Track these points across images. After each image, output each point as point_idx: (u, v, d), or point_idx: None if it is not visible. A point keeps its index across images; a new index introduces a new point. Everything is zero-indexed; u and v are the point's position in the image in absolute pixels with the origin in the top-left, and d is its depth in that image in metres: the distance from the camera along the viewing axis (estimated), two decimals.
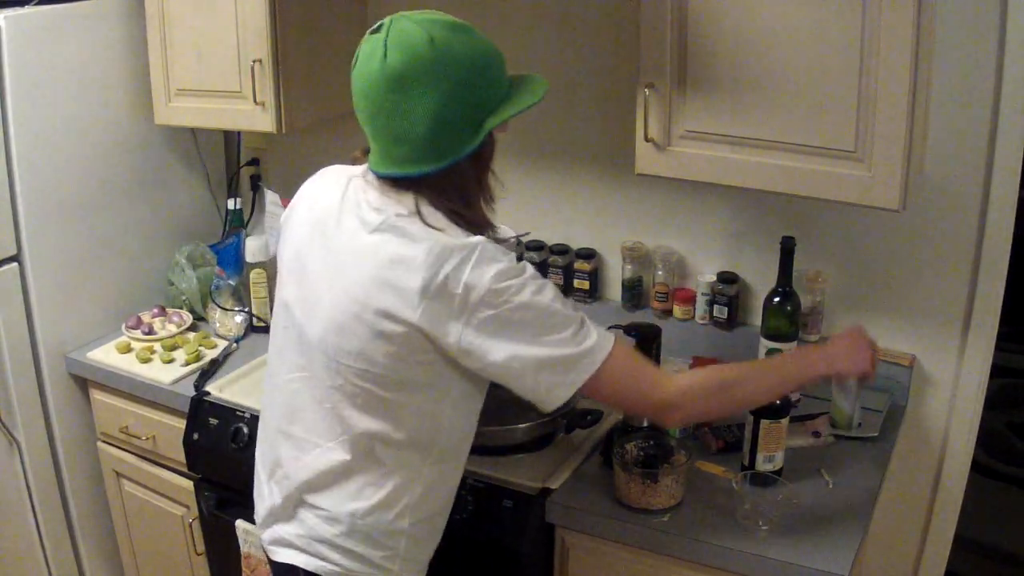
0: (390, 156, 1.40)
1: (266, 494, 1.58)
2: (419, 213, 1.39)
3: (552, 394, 1.41)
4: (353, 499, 1.47)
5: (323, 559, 1.50)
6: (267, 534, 1.58)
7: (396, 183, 1.41)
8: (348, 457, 1.46)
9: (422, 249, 1.35)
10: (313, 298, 1.46)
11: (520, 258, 1.45)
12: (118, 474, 2.43)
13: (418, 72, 1.33)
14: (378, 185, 1.44)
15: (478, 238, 1.37)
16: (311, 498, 1.50)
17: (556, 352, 1.38)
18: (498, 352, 1.37)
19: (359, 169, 1.50)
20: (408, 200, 1.40)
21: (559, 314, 1.38)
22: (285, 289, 1.54)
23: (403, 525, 1.49)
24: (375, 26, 1.38)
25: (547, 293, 1.38)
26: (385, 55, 1.34)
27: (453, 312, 1.35)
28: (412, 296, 1.34)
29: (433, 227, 1.37)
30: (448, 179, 1.40)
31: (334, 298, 1.42)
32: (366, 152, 1.48)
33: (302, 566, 1.51)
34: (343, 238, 1.44)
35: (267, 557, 1.60)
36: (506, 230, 1.87)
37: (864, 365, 1.66)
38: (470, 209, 1.42)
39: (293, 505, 1.53)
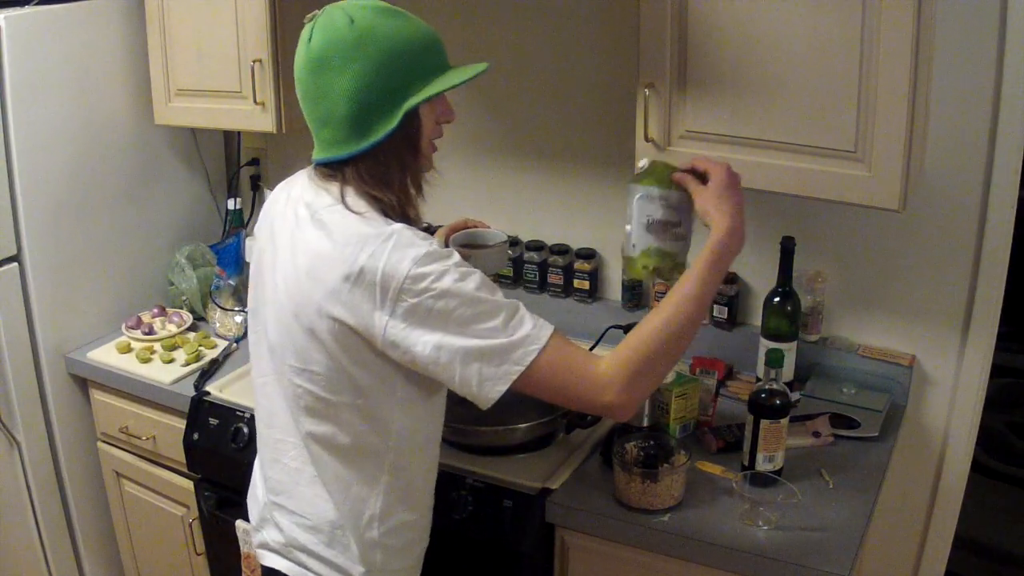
0: (319, 140, 1.41)
1: (260, 496, 1.59)
2: (343, 200, 1.38)
3: (485, 388, 1.33)
4: (323, 506, 1.47)
5: (304, 567, 1.50)
6: (256, 537, 1.59)
7: (327, 171, 1.42)
8: (308, 462, 1.46)
9: (339, 240, 1.34)
10: (266, 301, 1.48)
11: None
12: (118, 474, 2.43)
13: (336, 52, 1.34)
14: (314, 177, 1.45)
15: (396, 225, 1.35)
16: (287, 502, 1.51)
17: (485, 342, 1.31)
18: (423, 343, 1.32)
19: (306, 170, 1.52)
20: (335, 188, 1.40)
21: (486, 302, 1.32)
22: (251, 296, 1.56)
23: (373, 536, 1.48)
24: (311, 14, 1.40)
25: (472, 280, 1.32)
26: (310, 39, 1.36)
27: (375, 302, 1.32)
28: (334, 289, 1.33)
29: (353, 211, 1.36)
30: (371, 162, 1.38)
31: (277, 299, 1.44)
32: None
33: (285, 571, 1.52)
34: (283, 238, 1.45)
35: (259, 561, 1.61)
36: (497, 233, 1.87)
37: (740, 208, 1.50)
38: (393, 194, 1.39)
39: (273, 509, 1.54)
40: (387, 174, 1.39)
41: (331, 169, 1.41)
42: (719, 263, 1.43)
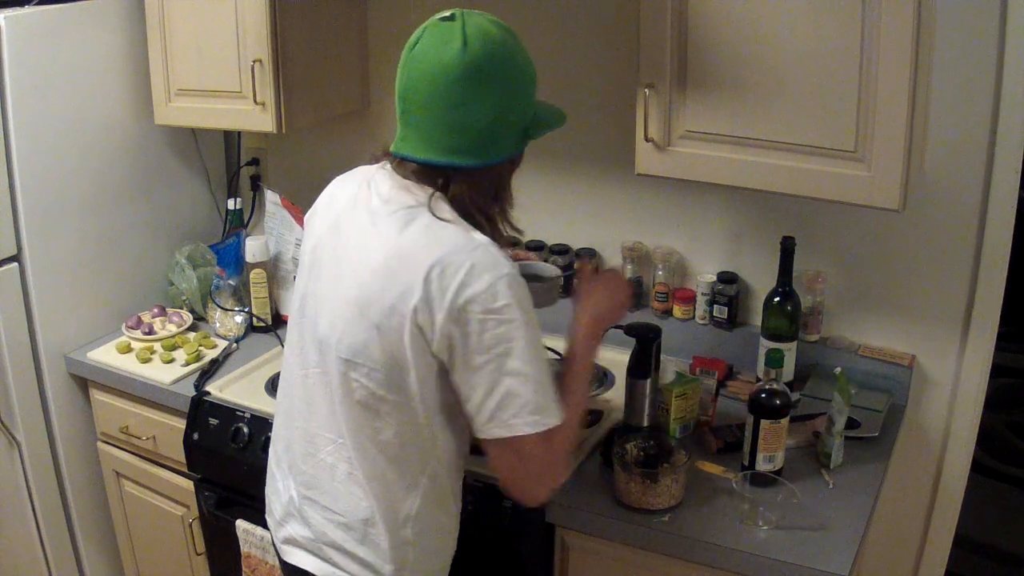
0: (437, 144, 1.38)
1: (281, 490, 1.58)
2: (429, 204, 1.38)
3: (489, 425, 1.38)
4: (359, 503, 1.47)
5: (334, 565, 1.50)
6: (281, 532, 1.59)
7: (426, 173, 1.40)
8: (345, 458, 1.46)
9: (425, 242, 1.35)
10: (323, 293, 1.47)
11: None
12: (118, 474, 2.43)
13: (497, 67, 1.36)
14: (396, 176, 1.43)
15: (483, 238, 1.37)
16: (319, 497, 1.50)
17: (515, 387, 1.35)
18: (467, 356, 1.35)
19: (378, 166, 1.50)
20: (428, 190, 1.40)
21: (540, 355, 1.38)
22: (301, 283, 1.55)
23: (407, 535, 1.48)
24: (447, 14, 1.38)
25: (536, 327, 1.38)
26: (466, 43, 1.34)
27: (444, 305, 1.33)
28: (412, 288, 1.34)
29: (440, 218, 1.37)
30: (484, 178, 1.41)
31: (339, 292, 1.43)
32: (387, 152, 1.48)
33: (312, 570, 1.52)
34: (352, 232, 1.44)
35: (279, 558, 1.60)
36: (550, 267, 1.86)
37: (623, 311, 1.70)
38: (490, 211, 1.44)
39: (304, 503, 1.53)
40: (496, 191, 1.44)
41: (434, 172, 1.40)
42: (589, 353, 1.58)
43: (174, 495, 2.32)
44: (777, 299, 2.00)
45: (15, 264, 2.21)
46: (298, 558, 1.54)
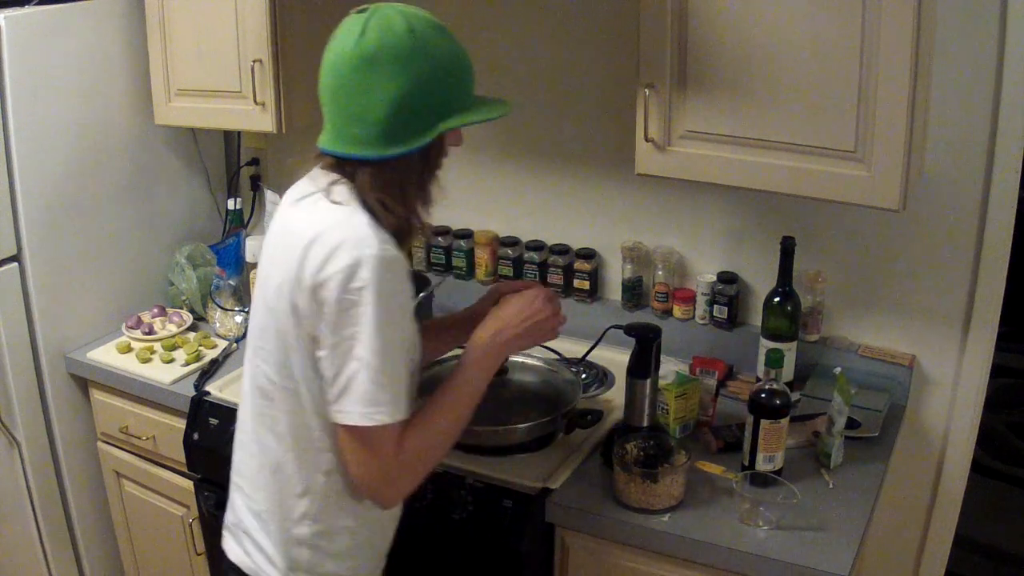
0: (341, 135, 1.39)
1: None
2: (327, 189, 1.39)
3: (331, 409, 1.36)
4: (263, 491, 1.49)
5: (246, 552, 1.53)
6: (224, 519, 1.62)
7: (338, 164, 1.41)
8: (256, 448, 1.50)
9: (307, 224, 1.37)
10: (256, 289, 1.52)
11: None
12: (118, 474, 2.43)
13: (391, 55, 1.33)
14: (316, 168, 1.46)
15: (361, 217, 1.35)
16: (241, 483, 1.55)
17: (357, 372, 1.32)
18: (325, 331, 1.33)
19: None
20: (331, 179, 1.40)
21: (396, 341, 1.34)
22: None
23: (303, 533, 1.47)
24: (361, 7, 1.39)
25: (400, 312, 1.35)
26: (363, 33, 1.35)
27: (313, 284, 1.33)
28: (289, 269, 1.36)
29: (332, 201, 1.37)
30: (390, 171, 1.38)
31: (259, 282, 1.48)
32: None
33: (230, 556, 1.56)
34: (274, 227, 1.50)
35: None
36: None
37: (546, 335, 1.58)
38: (401, 206, 1.40)
39: (233, 488, 1.58)
40: (403, 185, 1.40)
41: (340, 163, 1.41)
42: (482, 360, 1.50)
43: (174, 495, 2.32)
44: (777, 299, 2.00)
45: (15, 264, 2.21)
46: (226, 543, 1.58)
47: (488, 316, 1.55)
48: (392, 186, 1.38)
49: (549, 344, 2.28)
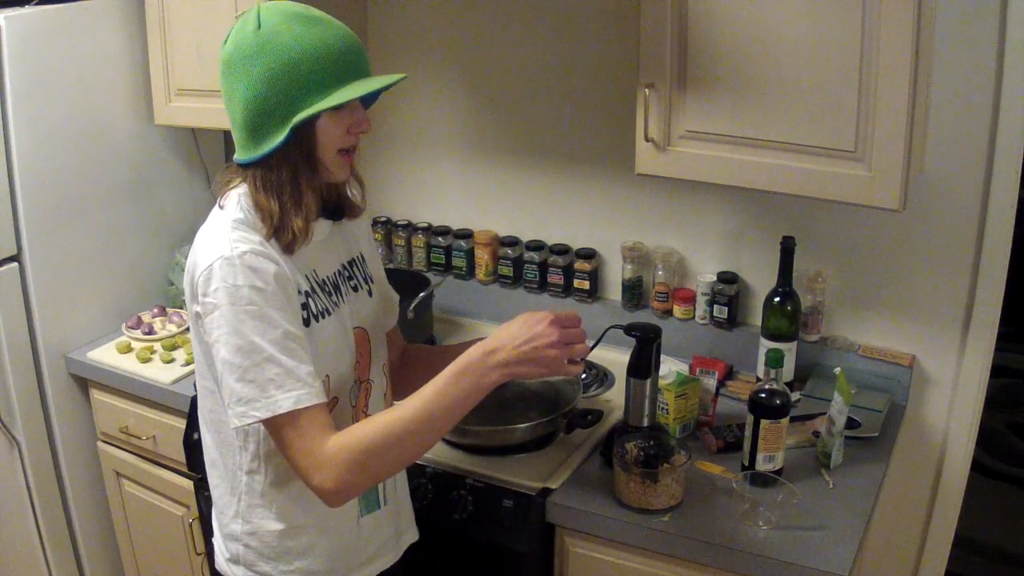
0: (235, 141, 1.42)
1: None
2: (222, 195, 1.41)
3: (233, 411, 1.32)
4: (210, 482, 1.52)
5: (213, 537, 1.57)
6: None
7: (238, 170, 1.43)
8: (203, 440, 1.52)
9: (200, 230, 1.39)
10: None
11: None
12: (118, 474, 2.43)
13: (240, 56, 1.34)
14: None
15: (223, 216, 1.37)
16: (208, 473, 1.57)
17: (225, 374, 1.31)
18: (213, 338, 1.32)
19: None
20: (227, 181, 1.43)
21: (248, 347, 1.30)
22: None
23: (236, 530, 1.49)
24: (241, 13, 1.42)
25: (239, 324, 1.29)
26: (226, 38, 1.37)
27: (192, 291, 1.36)
28: (187, 275, 1.39)
29: (220, 207, 1.40)
30: (264, 170, 1.37)
31: None
32: None
33: (212, 541, 1.60)
34: None
35: None
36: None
37: (548, 364, 1.36)
38: (278, 203, 1.36)
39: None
40: (278, 183, 1.36)
41: (238, 168, 1.43)
42: (461, 376, 1.35)
43: (174, 495, 2.32)
44: (777, 299, 2.00)
45: (15, 264, 2.21)
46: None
47: (486, 339, 1.39)
48: (269, 187, 1.37)
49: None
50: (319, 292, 1.44)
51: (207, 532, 2.24)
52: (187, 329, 2.43)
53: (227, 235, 1.33)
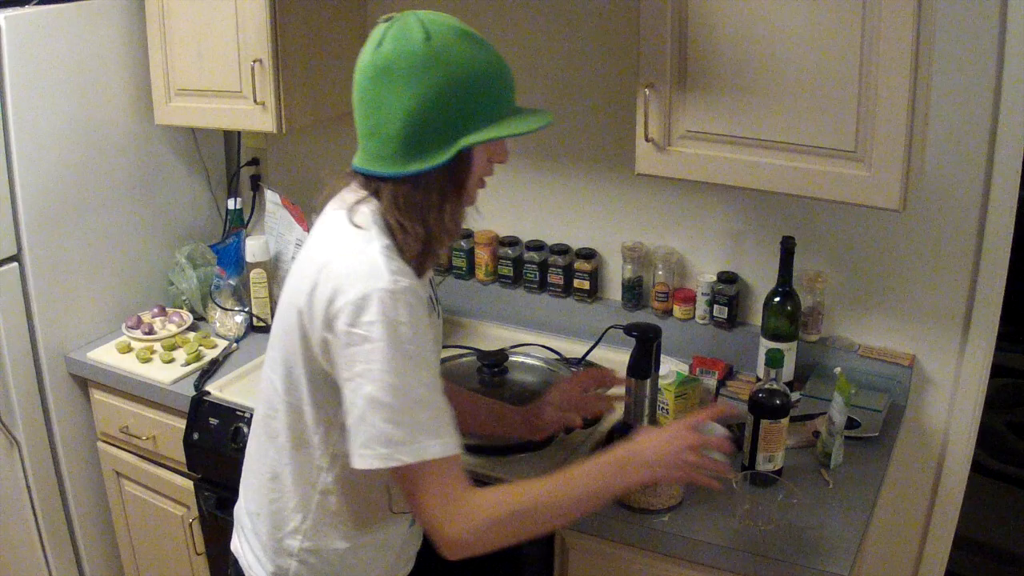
0: (365, 151, 1.35)
1: None
2: (349, 208, 1.33)
3: (363, 451, 1.27)
4: (260, 495, 1.49)
5: (241, 546, 1.54)
6: None
7: (365, 181, 1.36)
8: (257, 453, 1.49)
9: (323, 245, 1.34)
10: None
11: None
12: (118, 474, 2.43)
13: (404, 66, 1.26)
14: (352, 184, 1.41)
15: (375, 246, 1.29)
16: (247, 478, 1.55)
17: (369, 412, 1.25)
18: (347, 368, 1.27)
19: None
20: (358, 198, 1.35)
21: (404, 387, 1.25)
22: None
23: (292, 546, 1.46)
24: (388, 16, 1.33)
25: (397, 362, 1.24)
26: (380, 43, 1.29)
27: (324, 311, 1.29)
28: (300, 288, 1.33)
29: (352, 223, 1.32)
30: (410, 188, 1.31)
31: (283, 290, 1.45)
32: None
33: (233, 545, 1.58)
34: (307, 240, 1.47)
35: None
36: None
37: (681, 470, 1.42)
38: (422, 226, 1.32)
39: (241, 483, 1.59)
40: (424, 205, 1.31)
41: (367, 180, 1.36)
42: (622, 472, 1.38)
43: (174, 495, 2.32)
44: (777, 299, 2.00)
45: (15, 264, 2.21)
46: (234, 528, 1.60)
47: (632, 440, 1.42)
48: (412, 207, 1.31)
49: (549, 344, 2.29)
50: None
51: (207, 532, 2.24)
52: (187, 329, 2.43)
53: (384, 264, 1.27)
